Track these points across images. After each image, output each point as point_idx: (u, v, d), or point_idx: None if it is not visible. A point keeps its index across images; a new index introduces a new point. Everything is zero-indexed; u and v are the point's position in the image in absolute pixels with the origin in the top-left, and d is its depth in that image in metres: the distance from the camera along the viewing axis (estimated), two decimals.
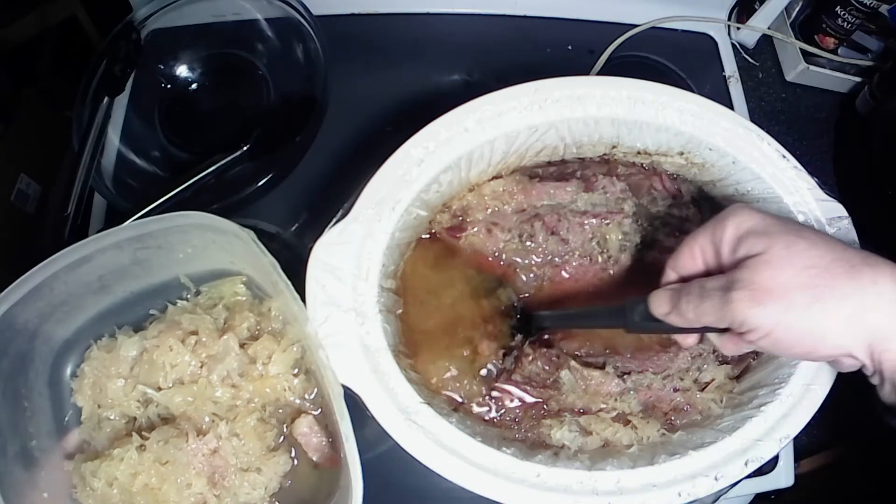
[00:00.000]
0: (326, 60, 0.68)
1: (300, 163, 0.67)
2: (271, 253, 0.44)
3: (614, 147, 0.55)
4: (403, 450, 0.42)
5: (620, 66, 0.79)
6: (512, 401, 0.50)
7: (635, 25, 0.81)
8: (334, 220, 0.46)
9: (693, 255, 0.40)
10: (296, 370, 0.47)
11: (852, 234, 0.50)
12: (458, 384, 0.49)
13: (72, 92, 0.66)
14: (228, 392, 0.45)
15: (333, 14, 0.77)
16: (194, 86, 0.74)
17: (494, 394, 0.50)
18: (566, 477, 0.43)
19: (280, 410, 0.47)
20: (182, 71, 0.74)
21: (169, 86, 0.73)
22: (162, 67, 0.73)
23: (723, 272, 0.38)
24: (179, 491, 0.42)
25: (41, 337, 0.45)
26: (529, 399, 0.50)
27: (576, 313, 0.52)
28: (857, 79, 0.85)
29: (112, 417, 0.45)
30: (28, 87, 1.06)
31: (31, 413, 0.44)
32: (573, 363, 0.50)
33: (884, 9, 0.81)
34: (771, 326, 0.35)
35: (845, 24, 0.81)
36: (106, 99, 0.66)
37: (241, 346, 0.46)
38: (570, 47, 0.80)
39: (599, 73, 0.77)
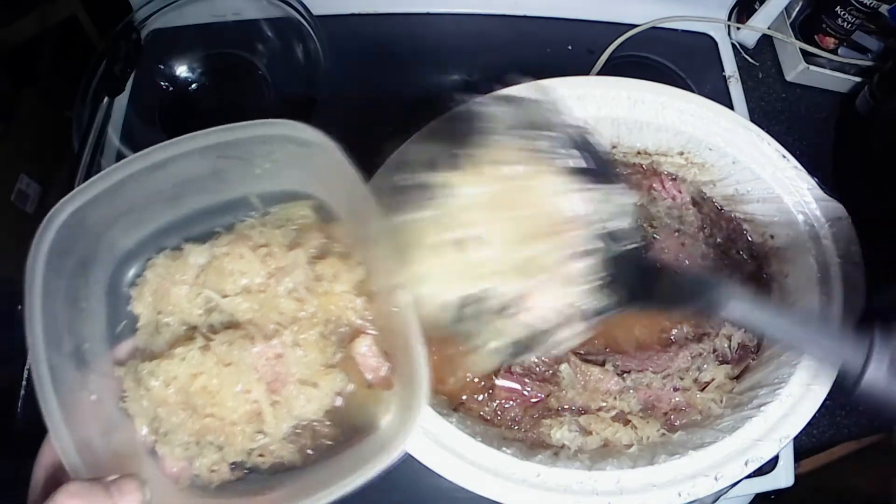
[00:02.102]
0: (326, 60, 0.68)
1: None
2: None
3: (614, 147, 0.55)
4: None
5: (620, 66, 0.79)
6: (511, 398, 0.50)
7: (635, 25, 0.81)
8: None
9: None
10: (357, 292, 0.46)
11: (852, 234, 0.50)
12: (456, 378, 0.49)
13: (72, 92, 0.66)
14: (293, 304, 0.44)
15: (333, 14, 0.77)
16: (194, 86, 0.74)
17: (495, 386, 0.50)
18: (566, 477, 0.43)
19: (340, 329, 0.46)
20: (182, 71, 0.74)
21: (169, 86, 0.73)
22: (162, 67, 0.73)
23: None
24: (237, 396, 0.42)
25: (105, 243, 0.44)
26: (528, 392, 0.50)
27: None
28: (857, 79, 0.85)
29: (171, 324, 0.45)
30: (28, 87, 1.06)
31: (86, 315, 0.43)
32: (573, 357, 0.50)
33: (884, 9, 0.81)
34: None
35: (845, 24, 0.81)
36: (106, 99, 0.66)
37: (308, 263, 0.45)
38: (570, 47, 0.80)
39: (599, 73, 0.77)
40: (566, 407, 0.50)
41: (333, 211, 0.48)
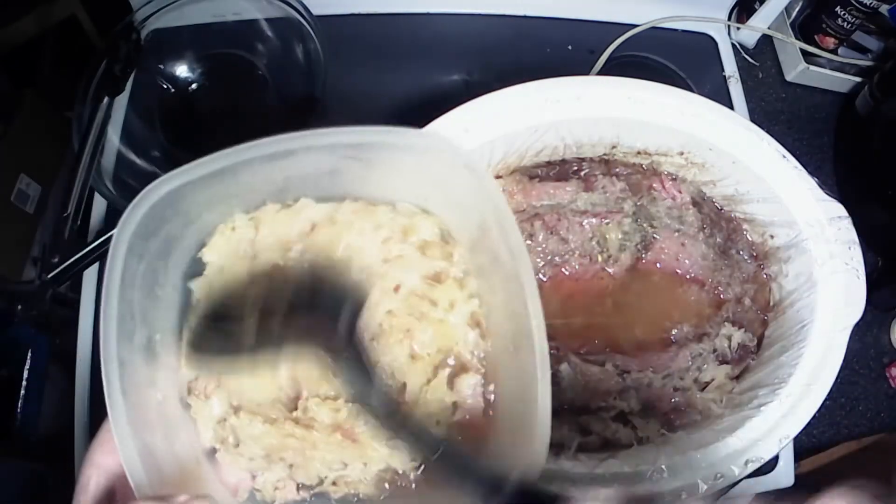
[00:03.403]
0: (326, 60, 0.68)
1: None
2: None
3: (614, 147, 0.55)
4: None
5: (620, 66, 0.79)
6: None
7: (635, 25, 0.81)
8: None
9: None
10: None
11: (852, 234, 0.50)
12: None
13: (72, 92, 0.66)
14: (402, 305, 0.41)
15: (333, 14, 0.77)
16: (194, 86, 0.74)
17: None
18: (566, 476, 0.43)
19: (449, 363, 0.41)
20: (182, 71, 0.74)
21: (169, 86, 0.73)
22: (162, 67, 0.73)
23: None
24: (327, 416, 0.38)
25: (196, 225, 0.40)
26: None
27: None
28: (857, 79, 0.85)
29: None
30: (28, 87, 1.06)
31: (161, 303, 0.39)
32: (573, 357, 0.50)
33: (884, 9, 0.81)
34: None
35: (845, 24, 0.81)
36: (106, 99, 0.66)
37: (426, 283, 0.42)
38: (570, 47, 0.80)
39: (599, 73, 0.77)
40: (566, 407, 0.50)
41: (455, 232, 0.44)
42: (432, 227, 0.43)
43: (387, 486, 0.40)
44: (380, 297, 0.41)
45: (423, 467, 0.40)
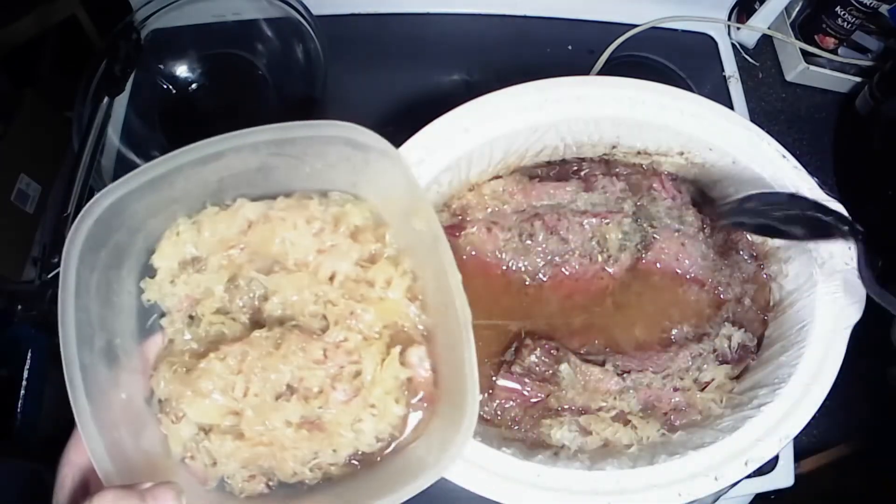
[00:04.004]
0: (326, 60, 0.68)
1: None
2: None
3: (614, 147, 0.55)
4: None
5: (620, 66, 0.80)
6: (511, 398, 0.50)
7: (635, 25, 0.81)
8: None
9: None
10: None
11: None
12: None
13: (72, 92, 0.66)
14: (339, 293, 0.43)
15: (333, 14, 0.77)
16: (194, 86, 0.74)
17: (495, 386, 0.50)
18: (566, 477, 0.43)
19: (398, 337, 0.44)
20: (182, 71, 0.74)
21: (169, 86, 0.73)
22: (162, 67, 0.73)
23: None
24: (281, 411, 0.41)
25: (143, 232, 0.43)
26: (528, 392, 0.50)
27: None
28: (857, 79, 0.85)
29: (203, 315, 0.43)
30: (28, 87, 1.06)
31: (118, 310, 0.42)
32: (573, 357, 0.50)
33: (884, 9, 0.81)
34: None
35: (845, 24, 0.81)
36: (106, 99, 0.66)
37: (360, 266, 0.44)
38: (570, 47, 0.80)
39: (599, 73, 0.78)
40: (566, 407, 0.50)
41: (383, 216, 0.46)
42: (363, 212, 0.46)
43: (356, 464, 0.43)
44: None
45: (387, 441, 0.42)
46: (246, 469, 0.41)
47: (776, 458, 0.61)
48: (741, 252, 0.56)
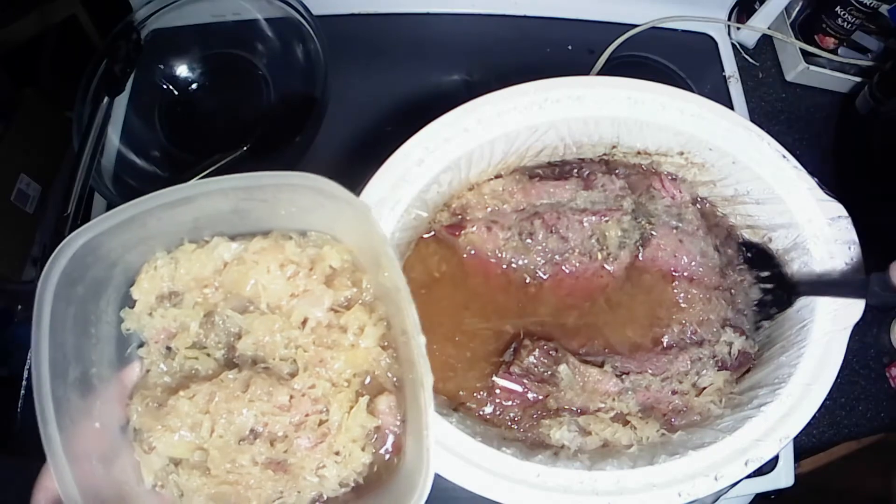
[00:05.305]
0: (326, 60, 0.68)
1: (300, 163, 0.67)
2: None
3: (614, 147, 0.55)
4: None
5: (620, 66, 0.80)
6: (511, 398, 0.50)
7: (635, 25, 0.81)
8: None
9: None
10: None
11: (852, 234, 0.50)
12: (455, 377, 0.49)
13: (72, 92, 0.66)
14: (310, 339, 0.43)
15: (333, 14, 0.77)
16: (194, 86, 0.74)
17: (496, 384, 0.50)
18: (566, 477, 0.43)
19: (367, 384, 0.45)
20: (182, 71, 0.74)
21: (169, 86, 0.73)
22: (162, 67, 0.73)
23: None
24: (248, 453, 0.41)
25: (120, 266, 0.43)
26: (526, 392, 0.50)
27: (817, 283, 0.50)
28: (857, 79, 0.85)
29: (178, 349, 0.44)
30: (28, 87, 1.06)
31: (96, 340, 0.42)
32: (571, 358, 0.50)
33: (884, 9, 0.81)
34: None
35: (845, 24, 0.81)
36: (106, 99, 0.66)
37: (334, 311, 0.44)
38: (570, 47, 0.80)
39: (599, 73, 0.78)
40: (565, 407, 0.50)
41: (361, 261, 0.46)
42: (341, 253, 0.45)
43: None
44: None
45: (352, 487, 0.43)
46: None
47: (776, 458, 0.62)
48: (741, 251, 0.56)
